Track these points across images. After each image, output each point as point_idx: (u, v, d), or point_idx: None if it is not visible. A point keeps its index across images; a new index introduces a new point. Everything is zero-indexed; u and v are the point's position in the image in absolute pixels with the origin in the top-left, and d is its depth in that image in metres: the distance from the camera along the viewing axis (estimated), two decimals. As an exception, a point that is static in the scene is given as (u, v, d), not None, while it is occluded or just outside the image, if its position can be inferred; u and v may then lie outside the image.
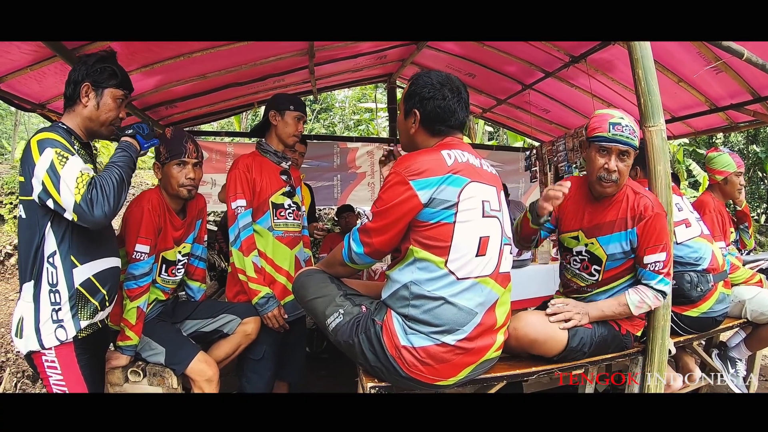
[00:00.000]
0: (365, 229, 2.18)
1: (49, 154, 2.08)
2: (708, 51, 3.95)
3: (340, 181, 7.16)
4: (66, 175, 2.05)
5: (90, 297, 2.30)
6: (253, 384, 3.24)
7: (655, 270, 2.51)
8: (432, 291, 2.06)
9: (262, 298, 3.11)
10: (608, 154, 2.56)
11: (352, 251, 2.24)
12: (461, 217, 2.05)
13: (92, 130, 2.40)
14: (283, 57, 4.59)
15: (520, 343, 2.45)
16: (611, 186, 2.58)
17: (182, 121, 5.72)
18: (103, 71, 2.34)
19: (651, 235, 2.50)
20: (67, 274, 2.22)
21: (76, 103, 2.35)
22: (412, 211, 2.05)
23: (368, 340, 2.14)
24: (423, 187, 2.03)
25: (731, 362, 3.73)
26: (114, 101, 2.38)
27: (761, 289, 3.64)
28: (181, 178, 2.93)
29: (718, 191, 3.99)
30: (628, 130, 2.52)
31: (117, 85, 2.38)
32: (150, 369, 2.83)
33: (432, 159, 2.10)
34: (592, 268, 2.73)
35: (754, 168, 20.06)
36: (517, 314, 2.47)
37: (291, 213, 3.38)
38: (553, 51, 4.58)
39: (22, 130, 19.68)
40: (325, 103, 22.99)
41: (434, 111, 2.22)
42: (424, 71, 2.34)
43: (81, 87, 2.32)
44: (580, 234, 2.77)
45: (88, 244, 2.29)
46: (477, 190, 2.12)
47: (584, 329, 2.52)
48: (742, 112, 4.81)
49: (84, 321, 2.28)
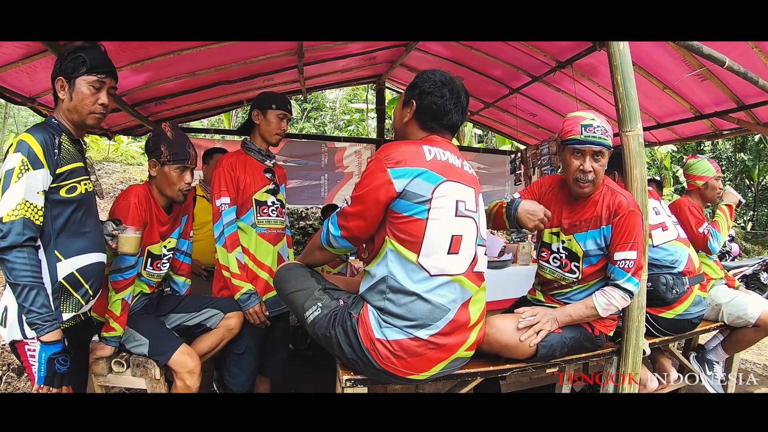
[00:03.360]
0: (343, 212, 2.24)
1: (16, 160, 2.13)
2: (693, 59, 4.00)
3: (327, 180, 7.17)
4: (12, 191, 2.10)
5: (73, 291, 2.33)
6: (235, 377, 3.28)
7: (624, 268, 2.54)
8: (407, 286, 2.10)
9: (245, 294, 3.15)
10: (582, 156, 2.60)
11: (330, 234, 2.30)
12: (433, 214, 2.10)
13: (77, 122, 2.40)
14: (273, 56, 4.61)
15: (492, 348, 2.48)
16: (588, 186, 2.63)
17: (171, 118, 5.70)
18: (74, 61, 2.32)
19: (623, 231, 2.54)
20: (51, 268, 2.24)
21: (59, 99, 2.38)
22: (387, 198, 2.10)
23: (344, 332, 2.18)
24: (399, 176, 2.09)
25: (708, 365, 3.79)
26: (88, 88, 2.35)
27: (738, 293, 3.70)
28: (180, 183, 2.98)
29: (696, 196, 4.06)
30: (600, 131, 2.56)
31: (88, 71, 2.33)
32: (133, 360, 2.86)
33: (412, 151, 2.16)
34: (571, 265, 2.76)
35: (741, 176, 20.26)
36: (488, 319, 2.49)
37: (274, 210, 3.42)
38: (539, 56, 4.62)
39: (11, 123, 19.55)
40: (315, 103, 22.99)
41: (429, 106, 2.28)
42: (433, 69, 2.40)
43: (56, 83, 2.35)
44: (559, 230, 2.82)
45: (73, 239, 2.32)
46: (452, 189, 2.17)
47: (553, 336, 2.55)
48: (727, 119, 4.86)
49: (66, 314, 2.31)
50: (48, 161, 2.19)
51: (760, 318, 3.49)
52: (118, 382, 2.95)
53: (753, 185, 20.56)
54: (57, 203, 2.25)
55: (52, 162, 2.21)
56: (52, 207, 2.24)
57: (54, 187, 2.24)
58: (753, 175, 19.66)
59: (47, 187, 2.19)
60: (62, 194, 2.26)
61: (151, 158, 3.01)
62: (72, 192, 2.30)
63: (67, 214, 2.29)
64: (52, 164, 2.21)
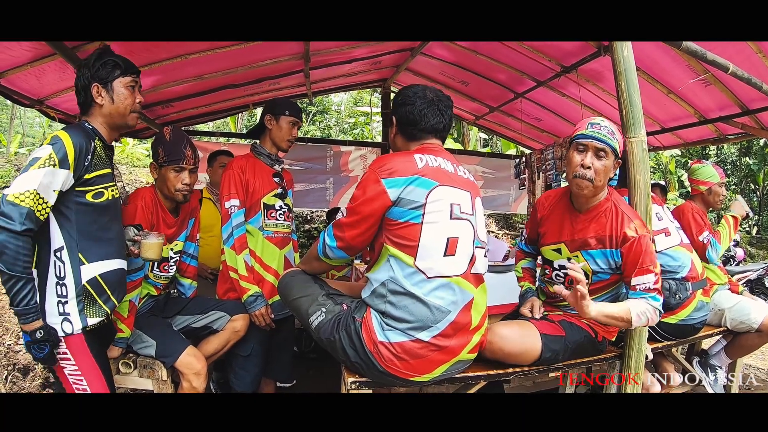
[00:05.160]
0: (339, 224, 2.31)
1: (46, 151, 2.13)
2: (697, 64, 4.00)
3: (333, 183, 7.18)
4: (29, 176, 2.09)
5: (96, 296, 2.35)
6: (241, 379, 3.31)
7: (645, 289, 2.47)
8: (406, 288, 2.15)
9: (251, 297, 3.18)
10: (585, 151, 2.56)
11: (326, 245, 2.36)
12: (428, 218, 2.16)
13: (116, 124, 2.46)
14: (280, 60, 4.63)
15: (495, 356, 2.50)
16: (587, 186, 2.55)
17: (178, 121, 5.72)
18: (105, 66, 2.38)
19: (636, 258, 2.48)
20: (75, 270, 2.27)
21: (92, 106, 2.40)
22: (382, 208, 2.17)
23: (348, 336, 2.23)
24: (392, 185, 2.15)
25: (711, 369, 3.80)
26: (126, 89, 2.43)
27: (741, 298, 3.71)
28: (177, 184, 3.00)
29: (700, 201, 4.08)
30: (606, 130, 2.54)
31: (123, 73, 2.42)
32: (141, 361, 2.89)
33: (403, 161, 2.24)
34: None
35: (746, 180, 20.20)
36: (491, 327, 2.50)
37: (282, 214, 3.45)
38: (544, 61, 4.62)
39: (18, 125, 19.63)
40: (321, 106, 23.03)
41: (406, 115, 2.41)
42: (407, 86, 2.51)
43: (91, 90, 2.37)
44: (563, 247, 2.77)
45: (97, 244, 2.35)
46: (446, 193, 2.23)
47: (558, 339, 2.56)
48: (731, 124, 4.85)
49: (91, 319, 2.33)
50: (76, 165, 2.20)
51: (763, 323, 3.50)
52: (125, 383, 2.98)
53: (758, 189, 20.51)
54: (82, 206, 2.27)
55: (81, 167, 2.23)
56: (76, 210, 2.25)
57: (80, 190, 2.25)
58: (758, 179, 19.60)
59: (65, 188, 2.19)
60: (88, 198, 2.28)
61: (151, 163, 3.06)
62: (99, 197, 2.32)
63: (91, 218, 2.31)
64: (80, 169, 2.22)
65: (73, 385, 2.30)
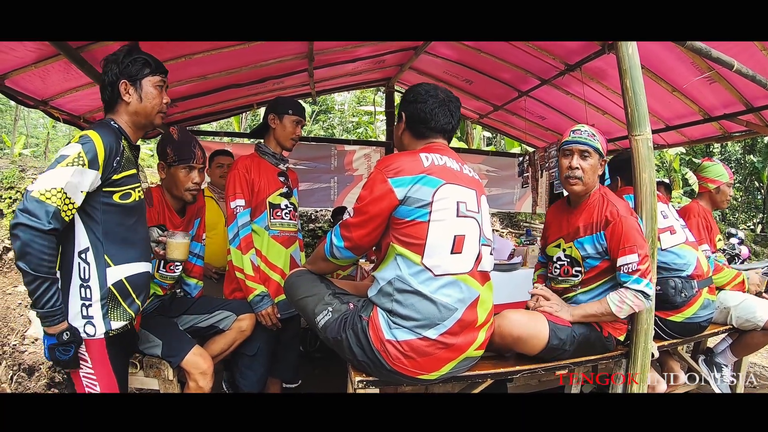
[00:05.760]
0: (346, 224, 2.31)
1: (74, 149, 2.08)
2: (702, 61, 3.99)
3: (337, 183, 7.16)
4: (56, 174, 2.02)
5: (121, 300, 2.31)
6: (247, 379, 3.32)
7: (627, 271, 2.59)
8: (413, 286, 2.16)
9: (257, 296, 3.20)
10: (571, 155, 2.84)
11: (333, 246, 2.36)
12: (435, 216, 2.17)
13: (142, 123, 2.43)
14: (283, 60, 4.64)
15: (504, 340, 2.54)
16: (577, 183, 2.81)
17: (182, 121, 5.76)
18: (135, 63, 2.34)
19: (618, 238, 2.62)
20: (100, 272, 2.23)
21: (118, 103, 2.36)
22: (389, 207, 2.18)
23: (355, 335, 2.24)
24: (399, 184, 2.16)
25: (717, 367, 3.79)
26: (155, 88, 2.40)
27: (747, 296, 3.70)
28: (187, 183, 3.00)
29: (706, 199, 4.08)
30: (586, 134, 2.82)
31: (152, 72, 2.39)
32: (147, 361, 2.89)
33: (409, 160, 2.25)
34: (573, 270, 2.87)
35: (751, 178, 20.16)
36: (501, 312, 2.56)
37: (287, 213, 3.46)
38: (548, 59, 4.61)
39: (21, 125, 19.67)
40: (324, 105, 23.03)
41: (416, 113, 2.41)
42: (418, 83, 2.51)
43: (119, 86, 2.33)
44: (561, 241, 2.95)
45: (124, 247, 2.31)
46: (452, 191, 2.25)
47: (564, 328, 2.62)
48: (735, 122, 4.83)
49: (115, 323, 2.29)
50: (105, 166, 2.16)
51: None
52: (131, 383, 2.97)
53: (762, 187, 20.47)
54: (109, 207, 2.23)
55: (110, 168, 2.19)
56: (103, 210, 2.21)
57: (108, 191, 2.21)
58: (762, 177, 19.56)
59: (92, 189, 2.14)
60: (116, 199, 2.25)
61: (159, 161, 3.06)
62: (126, 198, 2.29)
63: (118, 219, 2.27)
64: (109, 170, 2.18)
65: (86, 388, 2.25)
